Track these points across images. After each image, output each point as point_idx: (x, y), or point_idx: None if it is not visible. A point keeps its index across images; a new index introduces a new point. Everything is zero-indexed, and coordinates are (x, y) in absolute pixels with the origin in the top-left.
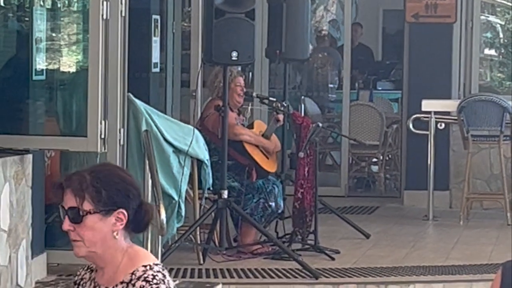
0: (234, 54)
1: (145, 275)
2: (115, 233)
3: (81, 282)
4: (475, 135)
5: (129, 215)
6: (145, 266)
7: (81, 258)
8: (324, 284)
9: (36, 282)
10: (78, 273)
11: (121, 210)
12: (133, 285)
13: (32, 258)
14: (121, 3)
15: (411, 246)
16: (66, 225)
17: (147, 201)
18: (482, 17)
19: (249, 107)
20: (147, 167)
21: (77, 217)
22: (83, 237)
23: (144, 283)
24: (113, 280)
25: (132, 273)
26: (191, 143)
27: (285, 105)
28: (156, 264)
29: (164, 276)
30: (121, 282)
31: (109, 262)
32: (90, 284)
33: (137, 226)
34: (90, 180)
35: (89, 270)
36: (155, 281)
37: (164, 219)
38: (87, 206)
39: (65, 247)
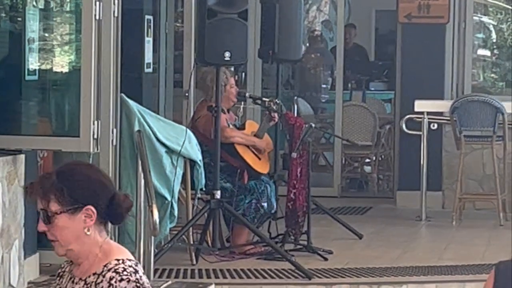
0: (227, 54)
1: (116, 268)
2: (85, 230)
3: (62, 275)
4: (468, 135)
5: (98, 211)
6: (118, 260)
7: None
8: (317, 284)
9: (29, 283)
10: (62, 265)
11: (88, 206)
12: (103, 276)
13: (24, 258)
14: (114, 4)
15: (404, 246)
16: (41, 226)
17: (125, 193)
18: (475, 17)
19: (241, 106)
20: (140, 167)
21: (47, 218)
22: (57, 237)
23: (114, 274)
24: (87, 272)
25: (105, 266)
26: (183, 143)
27: (278, 102)
28: (129, 260)
29: (136, 271)
30: (94, 274)
31: (86, 257)
32: (68, 276)
33: (113, 218)
34: (53, 181)
35: (70, 263)
36: (125, 272)
37: (157, 219)
38: (53, 207)
39: None
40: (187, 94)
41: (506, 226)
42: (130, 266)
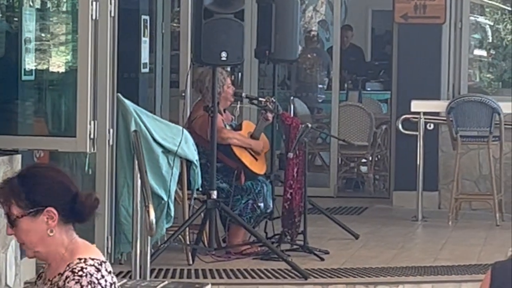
0: (224, 54)
1: (74, 267)
2: (49, 231)
3: (42, 275)
4: (464, 135)
5: (60, 211)
6: (80, 259)
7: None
8: (313, 284)
9: (25, 283)
10: (44, 266)
11: (49, 208)
12: (63, 275)
13: (21, 258)
14: (110, 4)
15: (400, 246)
16: (8, 231)
17: (89, 192)
18: (471, 17)
19: (238, 106)
20: (136, 167)
21: (11, 222)
22: (23, 240)
23: (69, 273)
24: (54, 273)
25: (68, 265)
26: (180, 143)
27: (274, 101)
28: (93, 259)
29: (98, 270)
30: (59, 274)
31: (54, 258)
32: (43, 277)
33: (77, 217)
34: (12, 186)
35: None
36: (80, 273)
37: (153, 219)
38: (15, 211)
39: None
40: (183, 94)
41: (503, 226)
42: (91, 265)
